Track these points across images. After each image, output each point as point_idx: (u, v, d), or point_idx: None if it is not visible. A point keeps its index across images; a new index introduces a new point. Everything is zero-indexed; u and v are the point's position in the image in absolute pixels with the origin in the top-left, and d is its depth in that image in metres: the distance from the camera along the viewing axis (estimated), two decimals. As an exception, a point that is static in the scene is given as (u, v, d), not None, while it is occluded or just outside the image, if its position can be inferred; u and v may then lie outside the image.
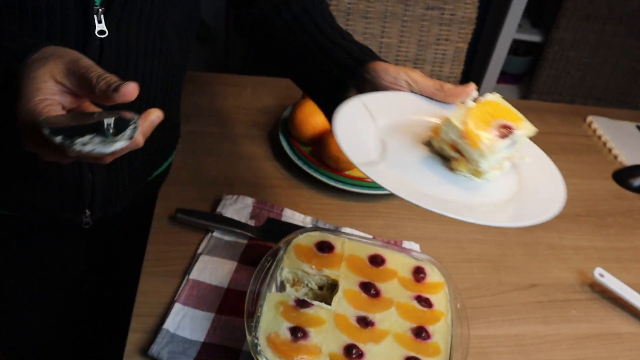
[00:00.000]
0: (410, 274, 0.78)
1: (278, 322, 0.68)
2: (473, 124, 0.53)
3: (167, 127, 0.90)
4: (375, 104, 0.61)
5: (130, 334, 0.74)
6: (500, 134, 0.54)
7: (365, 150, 0.54)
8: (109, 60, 0.69)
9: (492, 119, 0.55)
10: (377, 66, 0.67)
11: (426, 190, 0.52)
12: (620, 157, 1.35)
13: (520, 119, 0.57)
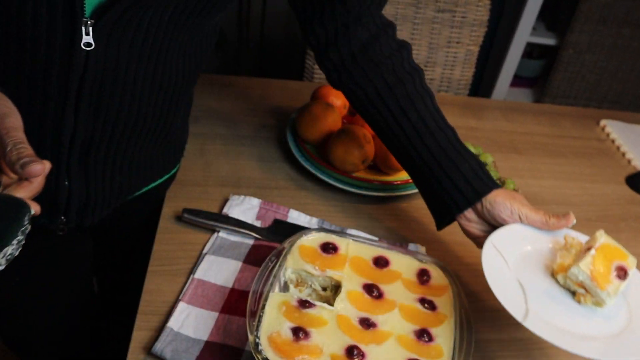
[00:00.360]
0: (415, 276, 0.78)
1: (280, 322, 0.68)
2: (598, 270, 0.67)
3: (164, 148, 0.88)
4: (502, 244, 0.74)
5: (134, 332, 0.75)
6: (618, 274, 0.68)
7: (517, 303, 0.67)
8: (94, 75, 0.66)
9: (610, 262, 0.69)
10: (496, 199, 0.78)
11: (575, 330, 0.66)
12: (634, 161, 1.33)
13: (626, 255, 0.71)
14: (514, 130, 1.35)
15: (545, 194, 1.16)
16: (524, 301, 0.67)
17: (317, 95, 1.12)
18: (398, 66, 0.85)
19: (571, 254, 0.74)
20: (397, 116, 0.83)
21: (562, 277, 0.72)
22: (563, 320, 0.66)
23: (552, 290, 0.71)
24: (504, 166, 1.20)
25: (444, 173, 0.81)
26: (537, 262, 0.74)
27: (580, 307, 0.69)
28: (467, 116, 1.37)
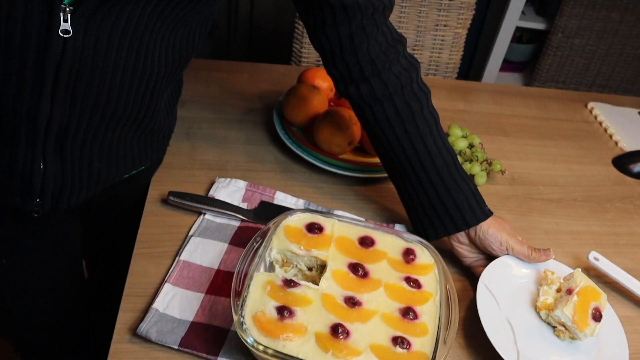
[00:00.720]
0: (400, 255, 0.78)
1: (265, 301, 0.68)
2: (579, 315, 0.77)
3: (146, 137, 0.86)
4: (492, 283, 0.83)
5: (120, 314, 0.75)
6: (594, 316, 0.77)
7: (508, 346, 0.75)
8: (71, 63, 0.65)
9: (587, 304, 0.78)
10: (489, 230, 0.85)
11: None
12: (621, 143, 1.34)
13: (599, 294, 0.80)
14: (502, 113, 1.35)
15: (532, 175, 1.16)
16: (514, 342, 0.76)
17: (303, 78, 1.12)
18: (407, 88, 0.86)
19: (552, 290, 0.82)
20: (401, 138, 0.86)
21: (544, 313, 0.81)
22: (546, 356, 0.77)
23: (535, 325, 0.80)
24: (491, 148, 1.20)
25: (438, 198, 0.86)
26: (523, 297, 0.84)
27: (559, 341, 0.79)
28: (454, 99, 1.36)
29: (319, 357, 0.64)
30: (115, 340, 0.72)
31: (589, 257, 0.93)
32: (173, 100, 0.94)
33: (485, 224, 0.86)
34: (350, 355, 0.64)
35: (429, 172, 0.86)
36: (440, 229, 0.87)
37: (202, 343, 0.71)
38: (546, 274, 0.84)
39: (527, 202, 1.08)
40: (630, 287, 0.91)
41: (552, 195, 1.12)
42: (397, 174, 0.89)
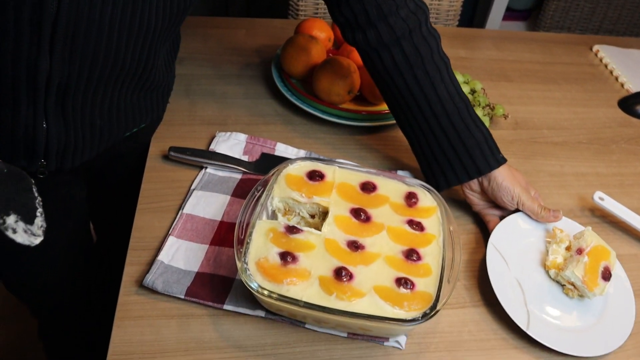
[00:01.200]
0: (402, 199, 0.78)
1: (268, 248, 0.68)
2: (589, 275, 0.76)
3: (146, 93, 0.85)
4: (501, 243, 0.82)
5: (126, 267, 0.76)
6: (604, 276, 0.77)
7: (519, 307, 0.75)
8: (67, 19, 0.64)
9: (598, 264, 0.77)
10: (503, 183, 0.84)
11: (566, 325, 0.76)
12: (627, 84, 1.31)
13: (609, 252, 0.79)
14: (505, 59, 1.33)
15: (535, 119, 1.14)
16: (524, 303, 0.77)
17: (301, 29, 1.10)
18: (415, 32, 0.84)
19: (561, 249, 0.82)
20: (410, 85, 0.84)
21: (554, 272, 0.81)
22: (556, 314, 0.77)
23: (544, 284, 0.80)
24: (493, 93, 1.18)
25: (449, 144, 0.84)
26: (532, 256, 0.83)
27: (567, 299, 0.79)
28: (456, 47, 1.34)
29: (322, 299, 0.64)
30: (123, 293, 0.73)
31: (594, 197, 0.92)
32: (171, 56, 0.93)
33: (500, 175, 0.84)
34: (354, 296, 0.65)
35: (439, 119, 0.84)
36: (452, 177, 0.86)
37: (207, 292, 0.72)
38: (555, 232, 0.84)
39: (531, 145, 1.07)
40: (636, 225, 0.90)
41: (557, 139, 1.10)
42: (407, 122, 0.88)
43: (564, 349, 0.72)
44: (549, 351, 0.73)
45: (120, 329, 0.69)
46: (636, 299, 0.80)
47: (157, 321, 0.70)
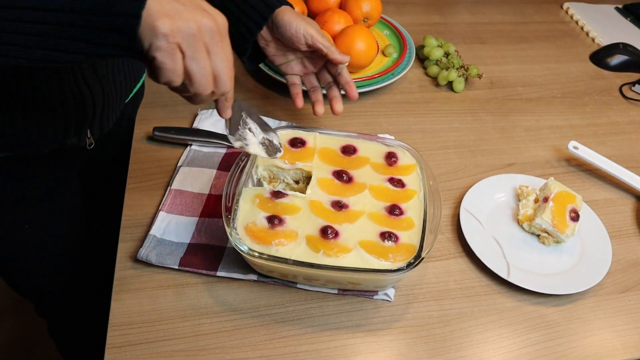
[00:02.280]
0: (383, 159, 0.80)
1: (255, 213, 0.71)
2: (557, 217, 0.80)
3: None
4: (472, 206, 0.86)
5: (120, 244, 0.78)
6: (572, 217, 0.81)
7: (498, 261, 0.79)
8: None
9: (564, 207, 0.81)
10: (283, 17, 0.81)
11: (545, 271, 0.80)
12: (598, 39, 1.34)
13: (574, 197, 0.83)
14: (477, 22, 1.35)
15: (510, 77, 1.17)
16: (503, 256, 0.80)
17: (274, 4, 1.11)
18: None
19: (530, 202, 0.85)
20: None
21: (527, 225, 0.84)
22: (534, 262, 0.80)
23: (520, 237, 0.84)
24: (468, 56, 1.20)
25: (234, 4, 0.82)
26: (504, 214, 0.87)
27: (545, 247, 0.83)
28: (429, 12, 1.36)
29: (310, 257, 0.67)
30: (119, 268, 0.75)
31: (568, 146, 0.95)
32: None
33: (285, 14, 0.82)
34: (340, 252, 0.67)
35: None
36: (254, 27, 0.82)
37: (200, 261, 0.75)
38: (521, 189, 0.87)
39: (507, 103, 1.10)
40: (610, 170, 0.94)
41: (531, 95, 1.13)
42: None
43: (544, 289, 0.75)
44: (531, 293, 0.76)
45: (119, 302, 0.71)
46: (612, 240, 0.84)
47: (153, 292, 0.72)
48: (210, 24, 0.52)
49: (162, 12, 0.49)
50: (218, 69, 0.55)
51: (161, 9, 0.49)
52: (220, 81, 0.56)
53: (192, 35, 0.51)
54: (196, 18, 0.51)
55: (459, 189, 0.90)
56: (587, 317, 0.75)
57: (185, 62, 0.52)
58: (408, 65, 1.09)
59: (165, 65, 0.51)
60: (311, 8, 1.14)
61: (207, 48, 0.53)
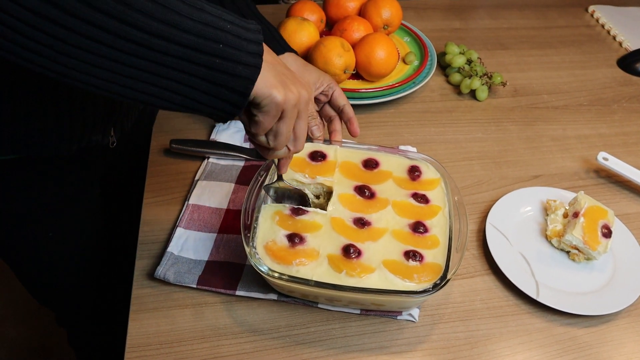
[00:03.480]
0: (406, 173, 0.78)
1: (275, 230, 0.69)
2: (588, 234, 0.77)
3: None
4: (498, 221, 0.83)
5: (137, 262, 0.76)
6: (604, 233, 0.78)
7: (527, 279, 0.76)
8: None
9: (596, 223, 0.78)
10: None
11: (576, 290, 0.76)
12: (625, 43, 1.30)
13: (606, 212, 0.80)
14: (499, 27, 1.32)
15: (534, 85, 1.14)
16: (531, 274, 0.77)
17: (292, 12, 1.09)
18: None
19: (558, 217, 0.82)
20: None
21: (556, 241, 0.81)
22: (564, 280, 0.77)
23: (549, 254, 0.81)
24: (490, 62, 1.17)
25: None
26: (532, 229, 0.84)
27: (575, 264, 0.79)
28: (450, 18, 1.33)
29: (333, 277, 0.65)
30: (136, 287, 0.73)
31: (597, 157, 0.92)
32: None
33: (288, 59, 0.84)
34: (363, 272, 0.65)
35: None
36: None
37: (219, 279, 0.73)
38: (549, 203, 0.84)
39: (532, 111, 1.07)
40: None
41: (557, 103, 1.10)
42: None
43: (575, 310, 0.72)
44: (561, 314, 0.73)
45: (136, 321, 0.70)
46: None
47: (171, 311, 0.71)
48: (307, 96, 0.59)
49: (274, 82, 0.55)
50: (300, 131, 0.61)
51: (273, 79, 0.55)
52: (298, 142, 0.62)
53: (294, 104, 0.57)
54: (298, 89, 0.57)
55: (483, 203, 0.87)
56: (621, 339, 0.72)
57: (278, 122, 0.58)
58: (430, 74, 1.06)
59: (264, 125, 0.57)
60: (330, 15, 1.12)
61: (298, 114, 0.59)
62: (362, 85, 1.02)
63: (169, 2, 0.49)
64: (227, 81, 0.52)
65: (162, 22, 0.48)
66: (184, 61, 0.50)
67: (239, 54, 0.52)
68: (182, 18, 0.49)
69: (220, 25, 0.51)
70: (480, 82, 1.06)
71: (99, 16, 0.45)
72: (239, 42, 0.52)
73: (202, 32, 0.50)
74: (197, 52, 0.50)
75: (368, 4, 1.09)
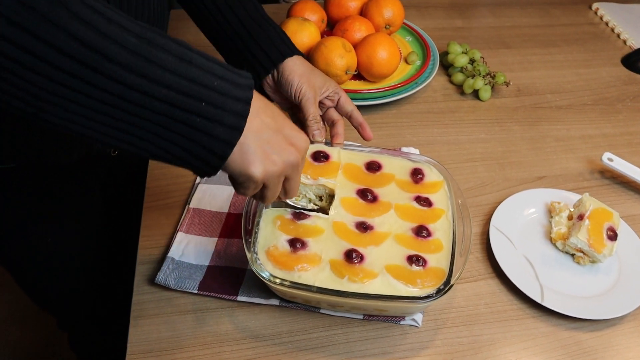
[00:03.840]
0: (408, 176, 0.77)
1: (276, 235, 0.68)
2: (593, 237, 0.76)
3: None
4: (502, 223, 0.82)
5: (137, 266, 0.75)
6: (609, 236, 0.77)
7: (531, 283, 0.75)
8: None
9: (601, 226, 0.77)
10: (284, 73, 0.80)
11: (581, 294, 0.75)
12: (630, 41, 1.29)
13: (611, 214, 0.79)
14: (502, 25, 1.31)
15: (538, 84, 1.13)
16: (536, 277, 0.76)
17: (293, 12, 1.08)
18: None
19: (563, 219, 0.81)
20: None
21: (561, 243, 0.80)
22: (569, 283, 0.76)
23: (553, 257, 0.80)
24: (493, 62, 1.16)
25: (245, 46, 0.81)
26: (536, 232, 0.83)
27: (580, 267, 0.78)
28: (452, 17, 1.32)
29: (335, 283, 0.64)
30: (136, 292, 0.73)
31: (602, 158, 0.91)
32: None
33: (289, 67, 0.80)
34: (366, 277, 0.64)
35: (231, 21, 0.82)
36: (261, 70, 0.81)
37: (220, 285, 0.72)
38: (553, 205, 0.83)
39: (535, 111, 1.06)
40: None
41: (561, 102, 1.09)
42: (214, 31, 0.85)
43: (581, 314, 0.71)
44: (567, 318, 0.72)
45: (137, 328, 0.69)
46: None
47: (172, 317, 0.70)
48: (294, 160, 0.56)
49: (252, 158, 0.52)
50: (290, 188, 0.59)
51: (252, 154, 0.52)
52: (288, 194, 0.60)
53: (277, 176, 0.55)
54: (283, 158, 0.55)
55: (487, 205, 0.86)
56: (627, 343, 0.71)
57: (263, 190, 0.57)
58: (432, 74, 1.05)
59: (247, 194, 0.57)
60: (331, 15, 1.11)
61: (285, 178, 0.58)
62: (363, 86, 1.01)
63: (154, 55, 0.47)
64: (206, 142, 0.49)
65: (141, 76, 0.46)
66: (163, 116, 0.47)
67: (221, 113, 0.49)
68: (165, 73, 0.47)
69: (206, 82, 0.48)
70: (483, 82, 1.05)
71: (72, 64, 0.43)
72: (224, 100, 0.49)
73: (184, 89, 0.47)
74: (177, 109, 0.48)
75: (369, 3, 1.08)
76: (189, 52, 0.49)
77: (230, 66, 0.52)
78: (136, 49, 0.46)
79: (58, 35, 0.42)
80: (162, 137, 0.49)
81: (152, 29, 0.48)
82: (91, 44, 0.43)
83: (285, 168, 0.55)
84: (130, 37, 0.46)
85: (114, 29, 0.45)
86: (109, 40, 0.44)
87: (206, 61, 0.50)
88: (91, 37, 0.43)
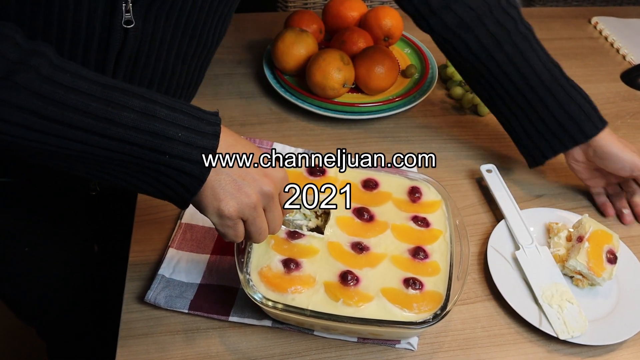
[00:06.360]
0: (406, 194, 0.75)
1: (270, 255, 0.66)
2: (593, 260, 0.75)
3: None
4: (500, 245, 0.80)
5: (127, 283, 0.74)
6: (609, 259, 0.75)
7: (529, 306, 0.73)
8: (131, 51, 0.65)
9: (600, 249, 0.76)
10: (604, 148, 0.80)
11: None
12: (629, 56, 1.28)
13: (611, 236, 0.78)
14: (502, 38, 1.30)
15: (537, 99, 1.11)
16: (533, 300, 0.74)
17: (290, 23, 1.07)
18: (495, 6, 0.81)
19: (561, 240, 0.80)
20: (500, 62, 0.82)
21: (559, 266, 0.78)
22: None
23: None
24: (493, 76, 1.15)
25: (550, 114, 0.81)
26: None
27: (578, 290, 0.77)
28: (451, 29, 1.30)
29: (329, 306, 0.62)
30: (125, 310, 0.71)
31: (602, 177, 0.90)
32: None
33: (605, 140, 0.81)
34: (361, 301, 0.63)
35: (537, 90, 0.81)
36: (557, 144, 0.83)
37: (211, 304, 0.70)
38: (551, 226, 0.82)
39: (534, 127, 1.04)
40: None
41: (560, 118, 1.07)
42: (502, 100, 0.85)
43: (580, 339, 0.70)
44: (564, 343, 0.71)
45: (125, 348, 0.67)
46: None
47: (161, 338, 0.68)
48: (269, 190, 0.56)
49: (224, 194, 0.55)
50: (273, 222, 0.59)
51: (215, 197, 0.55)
52: (272, 230, 0.60)
53: (253, 207, 0.56)
54: (256, 189, 0.56)
55: (484, 224, 0.85)
56: (627, 370, 0.70)
57: (245, 225, 0.58)
58: (430, 88, 1.04)
59: (228, 236, 0.58)
60: (329, 26, 1.09)
61: (264, 209, 0.58)
62: (360, 100, 0.99)
63: (115, 115, 0.50)
64: (172, 185, 0.54)
65: (104, 137, 0.50)
66: (130, 165, 0.52)
67: (183, 163, 0.52)
68: (128, 130, 0.50)
69: (170, 134, 0.51)
70: (482, 97, 1.03)
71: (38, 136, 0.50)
72: (188, 151, 0.52)
73: (148, 144, 0.51)
74: (143, 160, 0.52)
75: (368, 15, 1.07)
76: (153, 106, 0.52)
77: (200, 111, 0.55)
78: (97, 112, 0.50)
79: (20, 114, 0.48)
80: (134, 176, 0.54)
81: (115, 86, 0.51)
82: (53, 117, 0.49)
83: (259, 199, 0.56)
84: (90, 102, 0.50)
85: (73, 97, 0.49)
86: (69, 109, 0.49)
87: (171, 113, 0.52)
88: (52, 111, 0.49)
